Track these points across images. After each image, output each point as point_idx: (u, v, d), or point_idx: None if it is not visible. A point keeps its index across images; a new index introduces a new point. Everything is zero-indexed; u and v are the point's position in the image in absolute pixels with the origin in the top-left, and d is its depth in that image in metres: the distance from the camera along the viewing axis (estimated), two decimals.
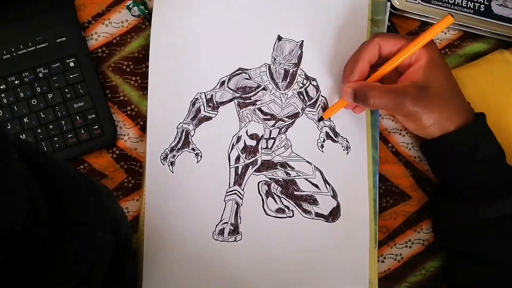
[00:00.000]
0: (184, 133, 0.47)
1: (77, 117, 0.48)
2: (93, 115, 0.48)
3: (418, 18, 0.54)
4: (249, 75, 0.48)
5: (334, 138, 0.48)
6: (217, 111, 0.47)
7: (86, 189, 0.29)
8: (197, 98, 0.47)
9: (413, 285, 0.51)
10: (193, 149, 0.47)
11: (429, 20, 0.54)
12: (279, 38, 0.48)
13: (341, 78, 0.47)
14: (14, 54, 0.48)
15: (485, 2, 0.54)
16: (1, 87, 0.47)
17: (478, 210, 0.43)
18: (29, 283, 0.24)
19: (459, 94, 0.45)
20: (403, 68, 0.44)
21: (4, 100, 0.47)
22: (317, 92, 0.48)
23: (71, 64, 0.48)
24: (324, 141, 0.48)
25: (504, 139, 0.48)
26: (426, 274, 0.51)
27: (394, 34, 0.45)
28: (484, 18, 0.54)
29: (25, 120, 0.47)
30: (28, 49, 0.48)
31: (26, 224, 0.23)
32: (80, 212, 0.28)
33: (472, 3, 0.54)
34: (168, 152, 0.46)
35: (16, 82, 0.48)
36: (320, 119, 0.48)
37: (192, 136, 0.47)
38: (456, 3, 0.54)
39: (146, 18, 0.50)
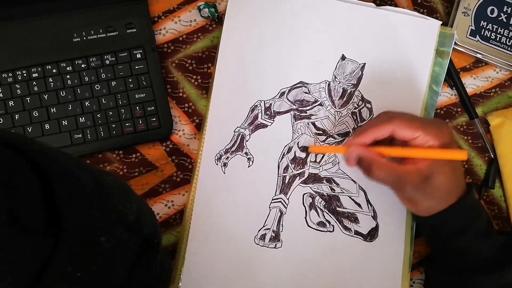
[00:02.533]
0: (240, 137, 0.48)
1: (137, 107, 0.49)
2: (153, 107, 0.49)
3: (474, 55, 0.55)
4: (308, 89, 0.49)
5: None
6: (273, 120, 0.49)
7: (92, 192, 0.28)
8: (256, 105, 0.49)
9: None
10: (246, 153, 0.48)
11: (484, 59, 0.55)
12: (343, 58, 0.49)
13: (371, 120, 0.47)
14: (84, 38, 0.49)
15: None
16: (68, 69, 0.49)
17: (475, 283, 0.43)
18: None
19: (461, 182, 0.44)
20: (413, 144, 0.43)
21: (69, 82, 0.49)
22: (370, 115, 0.50)
23: (138, 56, 0.49)
24: None
25: None
26: None
27: (411, 121, 0.42)
28: None
29: (87, 103, 0.49)
30: (98, 35, 0.49)
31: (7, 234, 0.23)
32: (80, 217, 0.27)
33: None
34: (223, 153, 0.48)
35: (82, 65, 0.49)
36: (304, 148, 0.48)
37: (247, 141, 0.48)
38: None
39: (214, 20, 0.51)
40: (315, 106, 0.49)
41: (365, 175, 0.43)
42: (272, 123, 0.49)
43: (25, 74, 0.48)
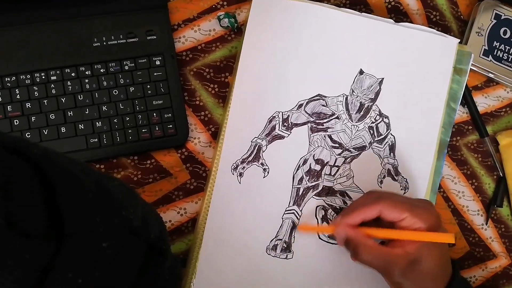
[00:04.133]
0: (256, 148, 0.48)
1: (154, 114, 0.49)
2: (170, 114, 0.49)
3: (486, 74, 0.56)
4: (326, 102, 0.50)
5: (395, 176, 0.50)
6: (290, 132, 0.49)
7: (94, 197, 0.28)
8: (274, 116, 0.49)
9: None
10: (262, 164, 0.48)
11: (495, 78, 0.56)
12: (361, 72, 0.50)
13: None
14: (104, 43, 0.49)
15: None
16: (87, 73, 0.49)
17: None
18: None
19: (448, 266, 0.43)
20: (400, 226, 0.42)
21: (87, 86, 0.49)
22: (387, 130, 0.50)
23: (157, 63, 0.50)
24: (384, 177, 0.50)
25: None
26: None
27: (398, 202, 0.42)
28: None
29: (104, 108, 0.49)
30: (118, 41, 0.50)
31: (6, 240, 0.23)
32: (82, 222, 0.27)
33: None
34: (239, 163, 0.48)
35: (101, 70, 0.49)
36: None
37: (264, 151, 0.48)
38: None
39: (233, 30, 0.52)
40: (332, 119, 0.50)
41: (352, 257, 0.43)
42: (289, 134, 0.49)
43: (43, 77, 0.48)
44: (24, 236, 0.24)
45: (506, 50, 0.56)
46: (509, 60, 0.56)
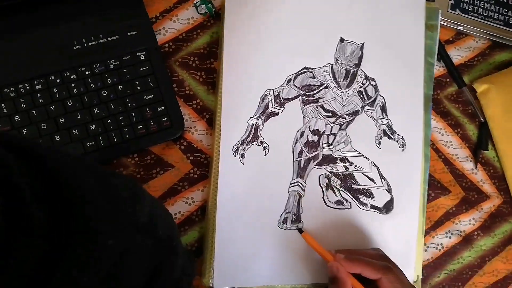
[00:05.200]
0: (254, 127, 0.49)
1: (147, 109, 0.49)
2: (162, 107, 0.49)
3: (455, 27, 0.58)
4: (313, 74, 0.51)
5: (391, 135, 0.52)
6: (284, 107, 0.50)
7: (98, 195, 0.28)
8: (266, 95, 0.50)
9: (451, 273, 0.55)
10: (261, 142, 0.49)
11: (464, 30, 0.59)
12: (342, 40, 0.51)
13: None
14: (86, 45, 0.49)
15: None
16: (72, 77, 0.48)
17: None
18: None
19: None
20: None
21: (75, 90, 0.48)
22: (375, 92, 0.52)
23: (142, 57, 0.49)
24: (381, 138, 0.52)
25: None
26: (463, 262, 0.56)
27: (397, 284, 0.43)
28: (511, 30, 0.59)
29: (95, 110, 0.48)
30: (99, 41, 0.49)
31: (8, 238, 0.22)
32: (85, 220, 0.26)
33: (503, 16, 0.59)
34: (239, 145, 0.49)
35: (87, 73, 0.48)
36: (300, 231, 0.49)
37: (261, 130, 0.49)
38: (489, 15, 0.59)
39: (212, 16, 0.52)
40: (321, 89, 0.51)
41: (329, 286, 0.44)
42: (282, 110, 0.50)
43: (28, 87, 0.47)
44: (29, 234, 0.23)
45: (471, 2, 0.58)
46: (475, 11, 0.58)
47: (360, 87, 0.52)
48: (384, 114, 0.52)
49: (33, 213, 0.24)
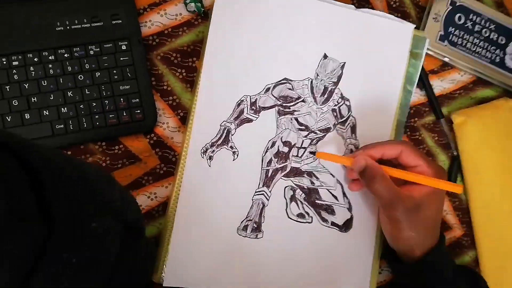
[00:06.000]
0: (225, 131, 0.49)
1: (121, 99, 0.49)
2: (137, 100, 0.49)
3: (442, 58, 0.59)
4: (292, 86, 0.51)
5: None
6: (258, 115, 0.50)
7: (78, 181, 0.30)
8: (242, 100, 0.50)
9: None
10: (231, 147, 0.49)
11: (450, 62, 0.59)
12: (325, 56, 0.52)
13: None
14: (68, 27, 0.48)
15: (501, 55, 0.60)
16: (50, 58, 0.48)
17: None
18: (23, 275, 0.25)
19: (438, 226, 0.48)
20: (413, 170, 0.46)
21: (51, 71, 0.48)
22: (348, 112, 0.52)
23: (123, 47, 0.49)
24: None
25: (503, 174, 0.56)
26: None
27: (417, 151, 0.46)
28: (497, 68, 0.60)
29: (69, 93, 0.48)
30: (82, 25, 0.49)
31: (7, 222, 0.24)
32: (69, 205, 0.28)
33: (490, 53, 0.60)
34: (209, 147, 0.49)
35: (65, 55, 0.48)
36: (313, 153, 0.51)
37: (233, 135, 0.49)
38: (476, 50, 0.59)
39: (200, 15, 0.52)
40: (298, 102, 0.51)
41: (366, 186, 0.46)
42: (257, 118, 0.50)
43: (4, 62, 0.47)
44: (21, 221, 0.25)
45: (461, 35, 0.59)
46: (463, 45, 0.59)
47: (335, 105, 0.52)
48: (353, 135, 0.52)
49: (22, 199, 0.25)
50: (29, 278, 0.25)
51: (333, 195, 0.52)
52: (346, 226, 0.52)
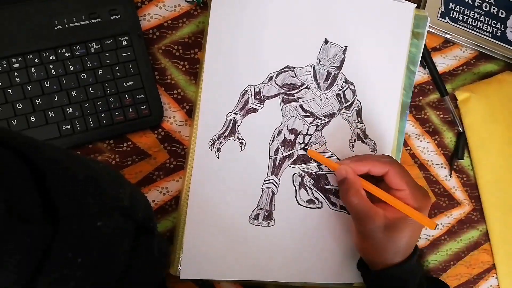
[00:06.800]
0: (231, 122, 0.49)
1: (126, 96, 0.49)
2: (142, 95, 0.49)
3: (443, 35, 0.58)
4: (295, 73, 0.51)
5: (364, 139, 0.53)
6: (263, 104, 0.50)
7: (84, 180, 0.29)
8: (246, 90, 0.50)
9: None
10: (238, 137, 0.49)
11: (452, 39, 0.59)
12: (326, 42, 0.51)
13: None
14: (66, 26, 0.48)
15: (501, 28, 0.60)
16: (51, 58, 0.47)
17: None
18: (28, 276, 0.25)
19: (410, 249, 0.46)
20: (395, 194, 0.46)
21: (53, 71, 0.47)
22: (353, 96, 0.52)
23: (124, 43, 0.49)
24: (355, 141, 0.52)
25: (510, 148, 0.56)
26: (428, 266, 0.58)
27: (405, 174, 0.45)
28: (498, 42, 0.60)
29: (73, 93, 0.48)
30: (81, 23, 0.48)
31: (6, 221, 0.24)
32: (73, 204, 0.28)
33: (491, 27, 0.59)
34: (216, 139, 0.49)
35: (66, 54, 0.48)
36: (304, 149, 0.51)
37: (239, 125, 0.49)
38: (477, 25, 0.59)
39: (199, 5, 0.51)
40: (302, 89, 0.51)
41: (340, 195, 0.46)
42: (262, 107, 0.50)
43: (5, 65, 0.46)
44: (23, 221, 0.24)
45: (461, 11, 0.58)
46: (464, 20, 0.58)
47: (339, 90, 0.52)
48: (359, 118, 0.52)
49: (26, 200, 0.25)
50: (34, 278, 0.25)
51: None
52: None
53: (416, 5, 0.54)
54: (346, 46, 0.52)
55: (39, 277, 0.25)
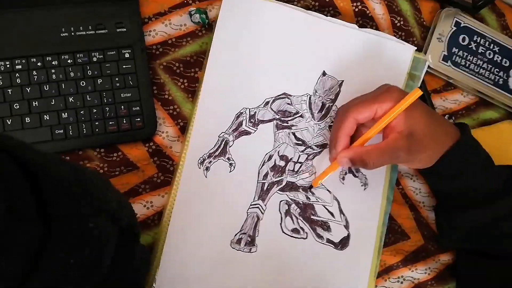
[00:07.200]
0: (223, 142, 0.49)
1: (122, 107, 0.49)
2: (138, 108, 0.50)
3: (445, 78, 0.59)
4: (291, 101, 0.51)
5: (355, 173, 0.52)
6: (257, 128, 0.50)
7: (75, 182, 0.30)
8: (241, 112, 0.50)
9: None
10: (228, 158, 0.49)
11: (453, 82, 0.59)
12: (324, 74, 0.52)
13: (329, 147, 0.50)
14: (73, 34, 0.49)
15: (504, 77, 0.60)
16: (53, 63, 0.48)
17: (486, 213, 0.47)
18: (20, 277, 0.25)
19: (441, 121, 0.47)
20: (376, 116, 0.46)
21: (54, 76, 0.48)
22: None
23: (126, 55, 0.50)
24: (346, 174, 0.52)
25: None
26: None
27: (364, 102, 0.45)
28: (500, 90, 0.60)
29: (71, 99, 0.48)
30: (87, 32, 0.49)
31: (7, 223, 0.24)
32: (66, 205, 0.28)
33: (493, 75, 0.60)
34: (206, 157, 0.49)
35: (69, 61, 0.49)
36: (310, 187, 0.51)
37: (230, 146, 0.49)
38: (480, 72, 0.59)
39: (204, 26, 0.52)
40: (296, 117, 0.51)
41: (364, 168, 0.46)
42: (255, 130, 0.50)
43: (8, 65, 0.47)
44: (21, 220, 0.25)
45: (464, 56, 0.59)
46: (466, 65, 0.59)
47: (332, 122, 0.52)
48: None
49: (20, 199, 0.25)
50: (27, 278, 0.25)
51: (329, 211, 0.51)
52: (343, 244, 0.51)
53: (416, 48, 0.55)
54: (343, 80, 0.52)
55: (31, 276, 0.25)
